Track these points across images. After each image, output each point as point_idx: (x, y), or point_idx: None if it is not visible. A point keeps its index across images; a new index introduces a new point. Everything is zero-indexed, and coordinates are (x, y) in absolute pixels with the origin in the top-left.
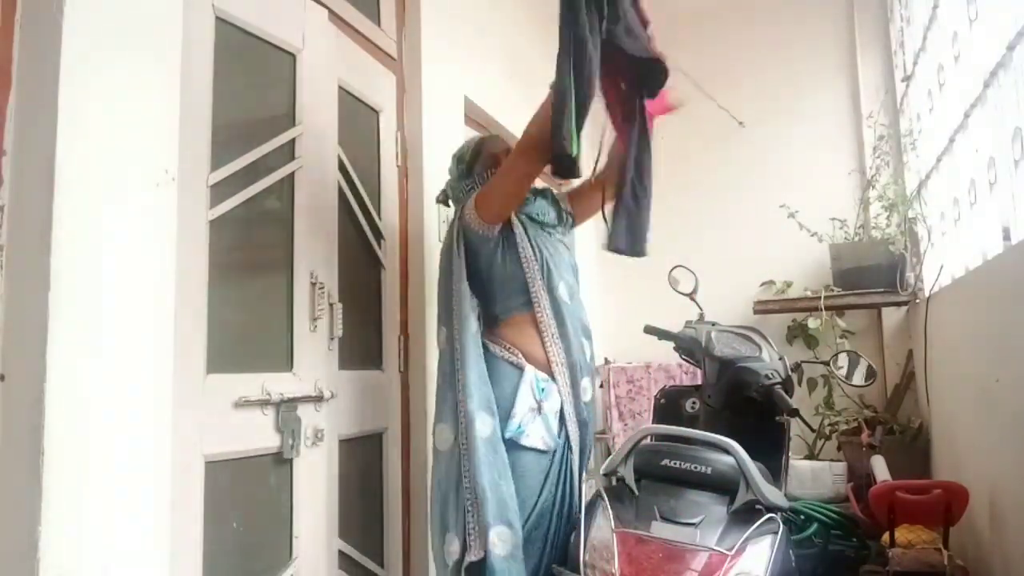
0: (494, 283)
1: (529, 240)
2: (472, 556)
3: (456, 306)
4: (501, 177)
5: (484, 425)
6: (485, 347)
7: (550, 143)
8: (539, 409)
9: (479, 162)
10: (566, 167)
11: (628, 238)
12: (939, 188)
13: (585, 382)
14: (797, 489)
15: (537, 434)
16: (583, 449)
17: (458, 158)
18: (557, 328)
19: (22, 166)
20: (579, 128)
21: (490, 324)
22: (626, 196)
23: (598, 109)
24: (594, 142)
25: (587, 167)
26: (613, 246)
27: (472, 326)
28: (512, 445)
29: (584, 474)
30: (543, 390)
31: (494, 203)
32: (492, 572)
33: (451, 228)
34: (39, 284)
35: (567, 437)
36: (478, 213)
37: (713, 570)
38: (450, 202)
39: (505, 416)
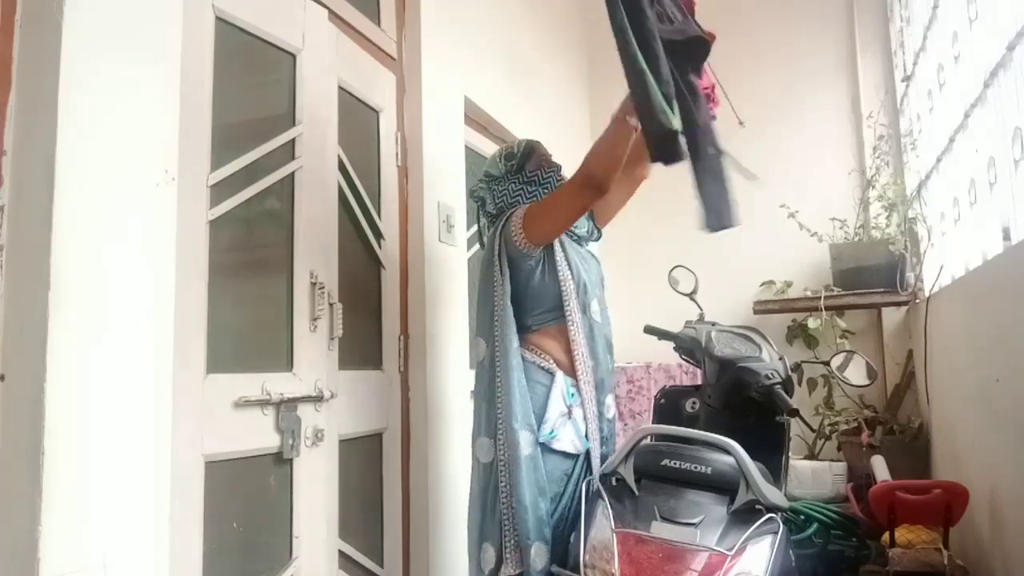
0: (529, 297)
1: (567, 258)
2: (509, 570)
3: (499, 323)
4: (554, 205)
5: (527, 443)
6: (520, 354)
7: (605, 179)
8: (569, 414)
9: (531, 161)
10: (669, 148)
11: (724, 213)
12: (939, 188)
13: (609, 399)
14: (797, 489)
15: (568, 438)
16: (605, 441)
17: (506, 155)
18: (587, 346)
19: (22, 166)
20: (669, 101)
21: (521, 331)
22: (707, 173)
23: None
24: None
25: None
26: (713, 226)
27: (515, 343)
28: (543, 448)
29: None
30: (572, 395)
31: (544, 228)
32: None
33: (492, 239)
34: (39, 284)
35: (588, 453)
36: (525, 233)
37: (713, 570)
38: (488, 206)
39: (538, 421)
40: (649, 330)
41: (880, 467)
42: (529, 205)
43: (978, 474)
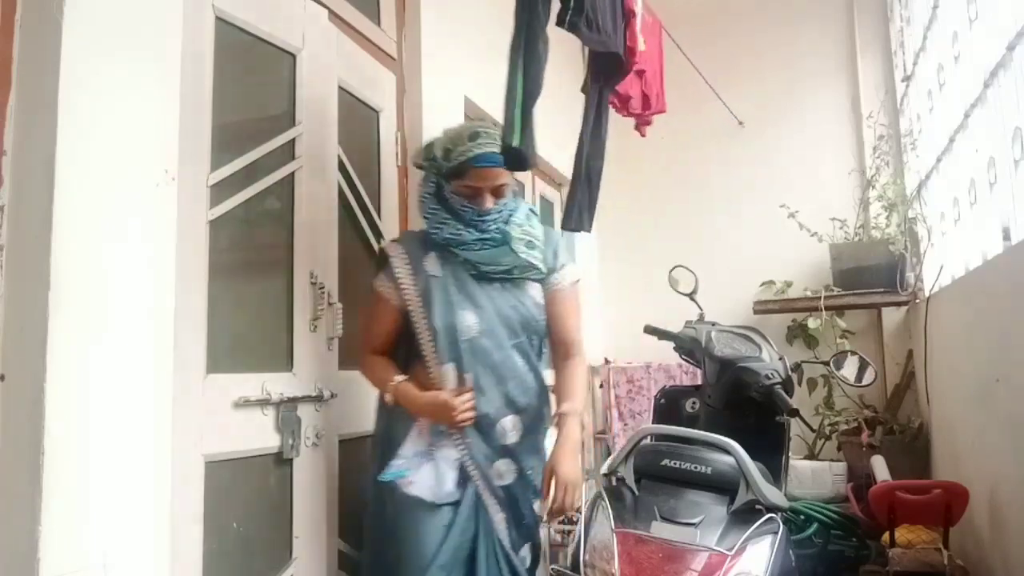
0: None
1: (426, 303)
2: None
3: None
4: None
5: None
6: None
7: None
8: (429, 454)
9: (456, 182)
10: (512, 158)
11: (576, 218)
12: (939, 188)
13: (500, 465)
14: (797, 489)
15: (424, 483)
16: (514, 527)
17: (444, 152)
18: (454, 374)
19: (22, 166)
20: (524, 120)
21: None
22: (579, 181)
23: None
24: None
25: (535, 160)
26: (566, 225)
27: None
28: (391, 492)
29: (527, 552)
30: (439, 433)
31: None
32: None
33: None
34: (39, 284)
35: (478, 498)
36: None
37: (713, 570)
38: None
39: (385, 455)
40: (649, 330)
41: (880, 467)
42: (370, 302)
43: (978, 474)
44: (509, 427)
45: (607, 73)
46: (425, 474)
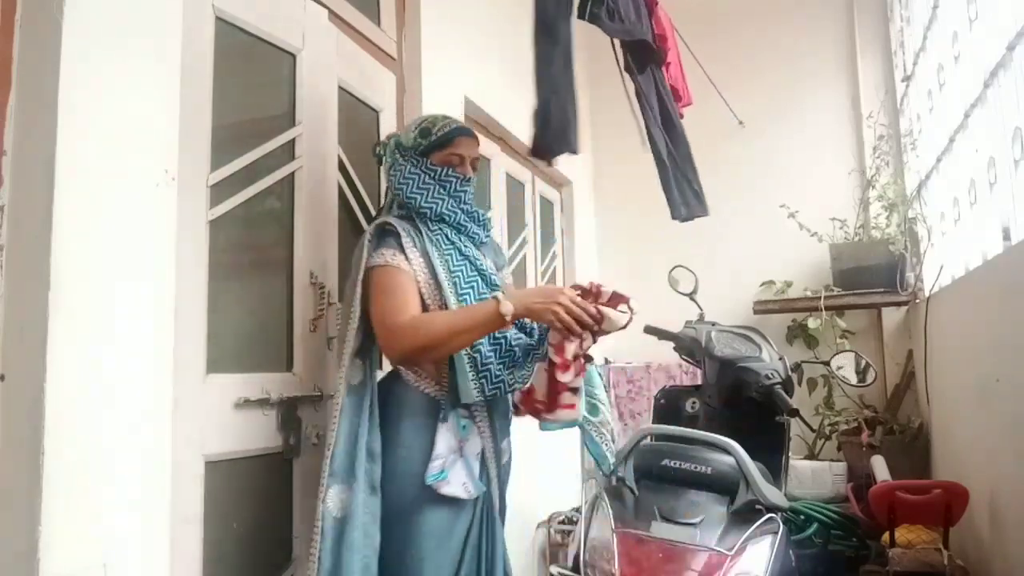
0: None
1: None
2: None
3: (345, 338)
4: (375, 323)
5: (336, 503)
6: (397, 373)
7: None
8: (461, 450)
9: (441, 152)
10: (539, 148)
11: (684, 205)
12: (939, 188)
13: (504, 444)
14: (797, 489)
15: (459, 481)
16: (502, 486)
17: (421, 131)
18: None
19: (22, 166)
20: (545, 115)
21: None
22: (664, 168)
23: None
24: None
25: (574, 146)
26: (676, 215)
27: (347, 363)
28: (429, 495)
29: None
30: (464, 427)
31: (385, 340)
32: None
33: (358, 256)
34: (39, 284)
35: (488, 479)
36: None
37: (713, 570)
38: (385, 167)
39: (421, 459)
40: (649, 330)
41: (880, 467)
42: (380, 278)
43: (978, 474)
44: (512, 400)
45: (646, 61)
46: (458, 472)
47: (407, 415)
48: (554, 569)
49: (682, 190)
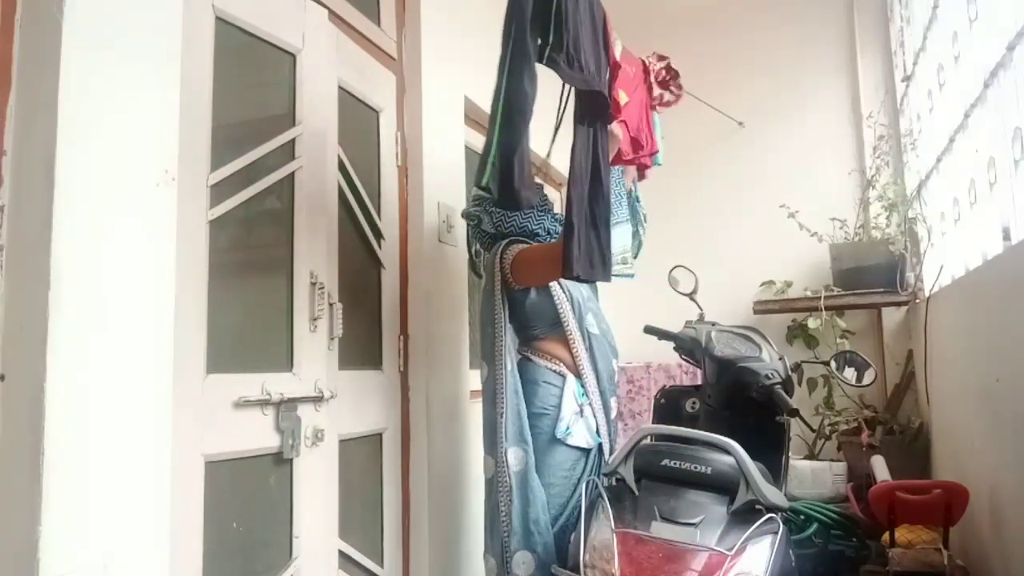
0: (530, 314)
1: (559, 282)
2: None
3: (499, 350)
4: (530, 269)
5: (516, 460)
6: (529, 359)
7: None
8: (581, 412)
9: None
10: (501, 196)
11: (587, 264)
12: (939, 188)
13: (612, 402)
14: (797, 489)
15: (581, 434)
16: (611, 435)
17: None
18: (588, 360)
19: (22, 166)
20: (494, 158)
21: (530, 340)
22: (570, 224)
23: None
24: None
25: (531, 198)
26: (568, 273)
27: (514, 368)
28: (559, 443)
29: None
30: (583, 395)
31: (526, 281)
32: None
33: (491, 269)
34: (39, 284)
35: (599, 446)
36: (513, 277)
37: (713, 570)
38: (485, 225)
39: (554, 419)
40: (649, 330)
41: (880, 467)
42: (520, 251)
43: (978, 474)
44: (615, 368)
45: (595, 112)
46: (580, 428)
47: (542, 388)
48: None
49: (590, 250)
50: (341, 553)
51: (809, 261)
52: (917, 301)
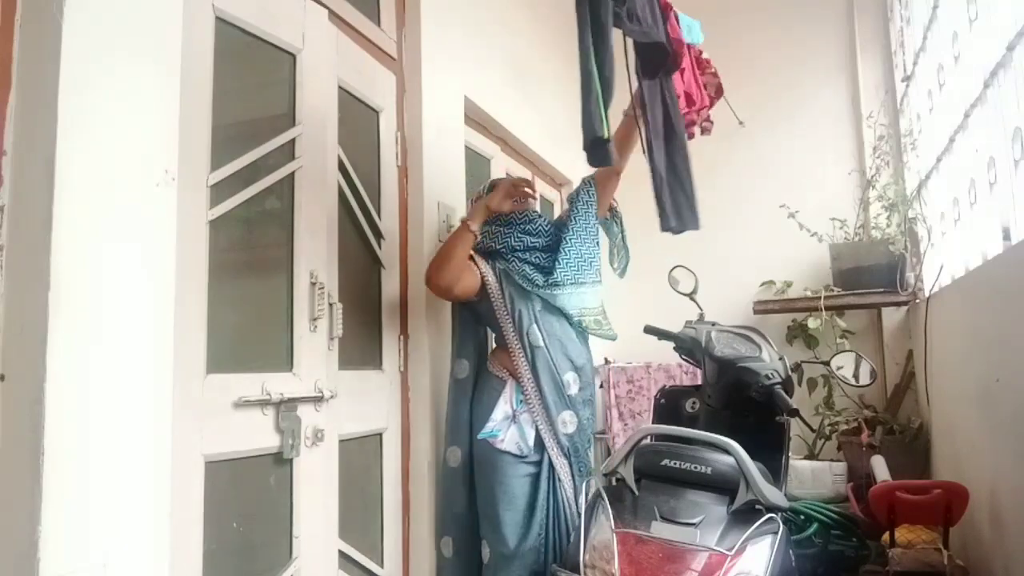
0: (489, 324)
1: (503, 294)
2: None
3: (453, 352)
4: (435, 271)
5: (453, 457)
6: (487, 366)
7: (439, 280)
8: (514, 417)
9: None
10: (600, 153)
11: (676, 216)
12: (939, 188)
13: (566, 416)
14: (797, 489)
15: (511, 440)
16: (576, 476)
17: (475, 198)
18: (529, 372)
19: (22, 166)
20: (607, 109)
21: (493, 347)
22: (659, 178)
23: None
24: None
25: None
26: (665, 226)
27: (458, 369)
28: (489, 449)
29: (582, 500)
30: (521, 402)
31: (436, 284)
32: (442, 571)
33: None
34: (39, 284)
35: (551, 463)
36: (428, 284)
37: (713, 570)
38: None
39: (484, 422)
40: (649, 330)
41: (880, 467)
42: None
43: (978, 474)
44: (571, 381)
45: (658, 66)
46: (512, 433)
47: (486, 395)
48: (554, 568)
49: (676, 202)
50: (341, 553)
51: (809, 261)
52: (917, 301)
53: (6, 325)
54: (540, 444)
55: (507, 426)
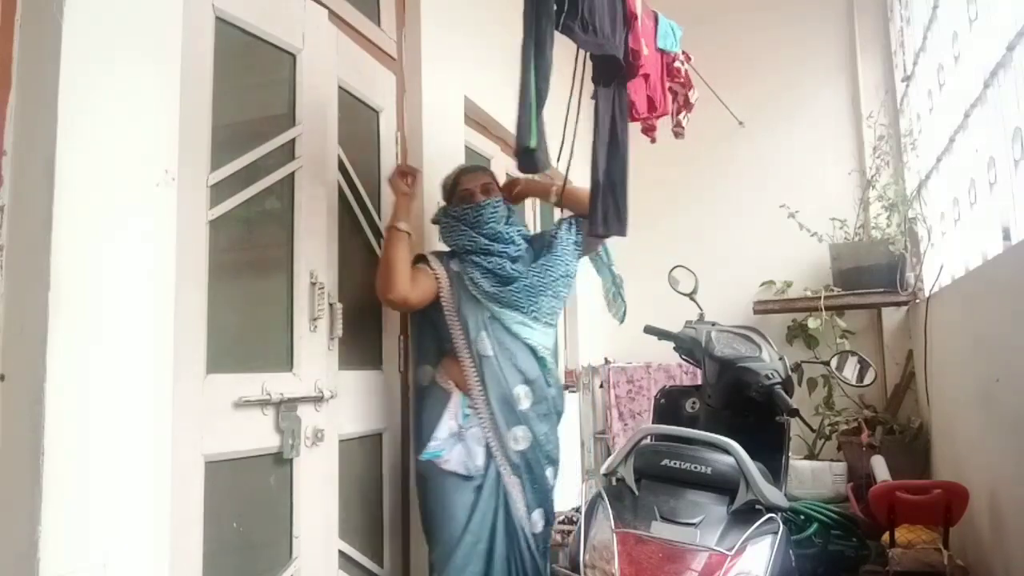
0: (441, 332)
1: (454, 301)
2: None
3: (437, 350)
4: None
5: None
6: (434, 376)
7: (386, 292)
8: (459, 434)
9: (455, 194)
10: (528, 161)
11: (603, 223)
12: (939, 188)
13: (518, 431)
14: (797, 489)
15: (458, 460)
16: (529, 493)
17: (442, 187)
18: (477, 383)
19: (22, 166)
20: (539, 121)
21: (442, 356)
22: (596, 184)
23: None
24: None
25: (549, 161)
26: (592, 231)
27: (414, 378)
28: (431, 469)
29: (535, 518)
30: (467, 416)
31: (384, 294)
32: None
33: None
34: (39, 284)
35: (499, 475)
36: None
37: (713, 570)
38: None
39: (428, 439)
40: (649, 330)
41: (880, 467)
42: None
43: (978, 474)
44: (522, 394)
45: (612, 77)
46: (457, 452)
47: (429, 406)
48: (554, 568)
49: (606, 209)
50: (341, 553)
51: (809, 261)
52: (917, 301)
53: (6, 325)
54: (488, 458)
55: (452, 444)
